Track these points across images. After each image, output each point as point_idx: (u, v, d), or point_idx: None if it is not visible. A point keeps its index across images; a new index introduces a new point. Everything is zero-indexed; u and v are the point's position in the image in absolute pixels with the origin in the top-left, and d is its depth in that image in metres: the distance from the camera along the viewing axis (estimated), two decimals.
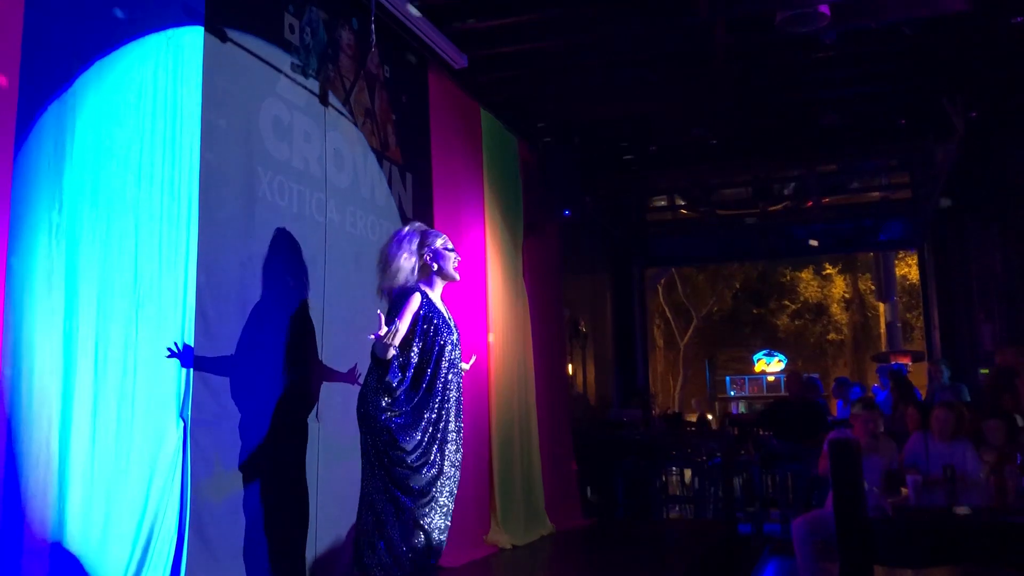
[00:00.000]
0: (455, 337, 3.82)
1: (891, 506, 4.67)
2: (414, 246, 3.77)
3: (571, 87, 7.09)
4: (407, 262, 3.73)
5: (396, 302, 3.65)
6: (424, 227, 3.92)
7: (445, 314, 3.82)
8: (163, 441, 3.21)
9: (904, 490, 4.85)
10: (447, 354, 3.74)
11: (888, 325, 17.71)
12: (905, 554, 1.57)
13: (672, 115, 8.00)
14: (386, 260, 3.77)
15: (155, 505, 3.13)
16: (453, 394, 3.77)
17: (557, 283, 8.28)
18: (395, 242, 3.80)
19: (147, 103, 3.29)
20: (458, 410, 3.81)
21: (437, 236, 3.87)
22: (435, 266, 3.79)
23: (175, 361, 3.31)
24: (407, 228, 3.87)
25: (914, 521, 3.69)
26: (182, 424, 3.29)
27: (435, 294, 3.81)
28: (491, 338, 6.33)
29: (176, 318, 3.33)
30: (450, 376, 3.76)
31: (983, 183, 8.68)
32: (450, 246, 3.86)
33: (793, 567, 5.79)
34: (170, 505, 3.18)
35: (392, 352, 3.54)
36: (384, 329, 3.44)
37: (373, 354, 3.60)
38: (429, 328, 3.69)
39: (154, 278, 3.25)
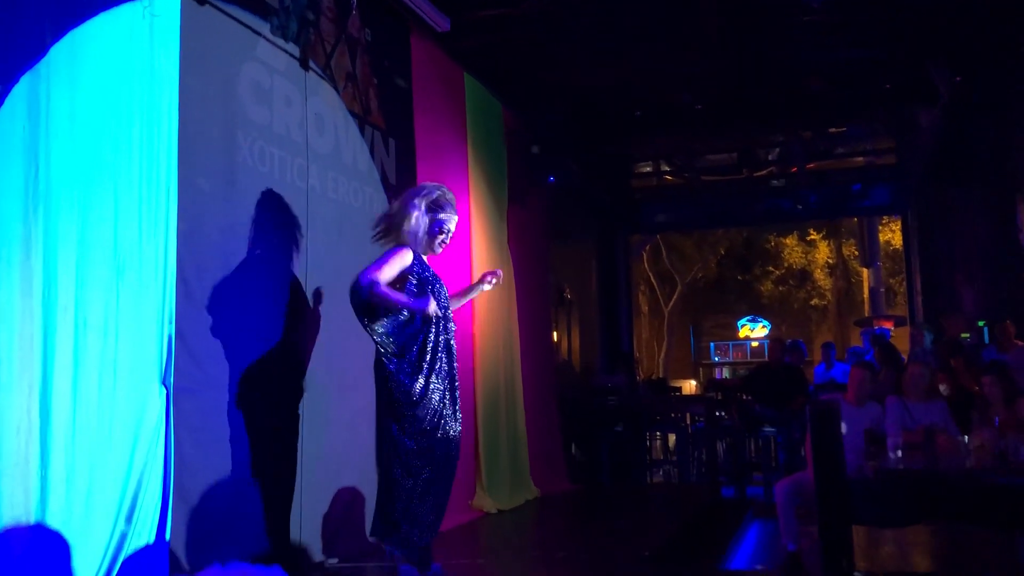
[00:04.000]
0: (445, 292, 3.90)
1: (872, 468, 4.72)
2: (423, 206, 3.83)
3: (555, 52, 7.02)
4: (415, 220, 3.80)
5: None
6: (442, 194, 3.91)
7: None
8: (146, 409, 3.19)
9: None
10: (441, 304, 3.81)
11: (871, 290, 17.80)
12: (883, 515, 1.59)
13: (658, 80, 7.95)
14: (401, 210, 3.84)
15: (139, 473, 3.11)
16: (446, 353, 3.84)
17: (542, 250, 8.27)
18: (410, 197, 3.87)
19: (123, 68, 3.22)
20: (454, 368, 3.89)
21: (451, 215, 3.90)
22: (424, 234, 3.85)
23: (157, 328, 3.28)
24: (431, 187, 3.90)
25: (893, 482, 3.74)
26: (164, 391, 3.27)
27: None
28: (476, 311, 6.31)
29: (157, 285, 3.29)
30: (444, 330, 3.83)
31: (967, 148, 8.69)
32: (450, 228, 3.90)
33: (776, 529, 5.86)
34: (154, 473, 3.16)
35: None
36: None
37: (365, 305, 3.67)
38: (425, 282, 3.79)
39: (134, 245, 3.20)
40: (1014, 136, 7.09)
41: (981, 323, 8.56)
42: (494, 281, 4.08)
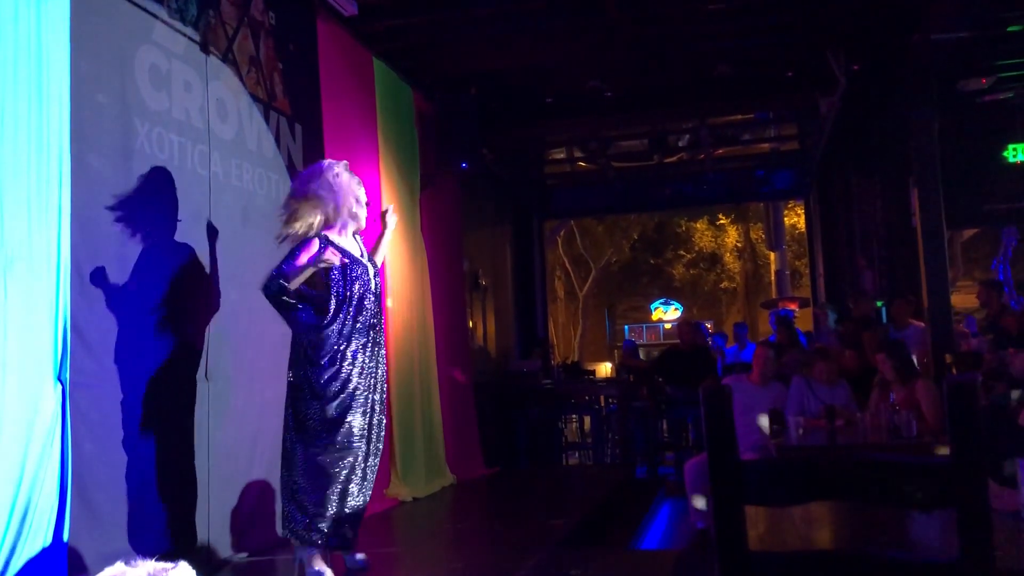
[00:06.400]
0: (372, 271, 3.86)
1: (775, 446, 4.88)
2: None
3: (466, 36, 6.99)
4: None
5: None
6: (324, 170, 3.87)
7: (355, 253, 3.82)
8: (39, 406, 3.07)
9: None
10: (360, 287, 3.77)
11: (777, 273, 18.32)
12: (781, 493, 1.64)
13: (568, 66, 7.99)
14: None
15: (33, 472, 3.00)
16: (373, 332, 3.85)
17: (456, 236, 8.25)
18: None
19: (8, 49, 3.08)
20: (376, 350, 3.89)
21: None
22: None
23: (50, 322, 3.16)
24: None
25: (792, 459, 3.87)
26: (60, 387, 3.15)
27: (343, 240, 3.81)
28: (389, 303, 6.24)
29: (49, 278, 3.16)
30: (367, 308, 3.80)
31: (864, 134, 9.01)
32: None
33: (686, 507, 6.00)
34: (49, 472, 3.05)
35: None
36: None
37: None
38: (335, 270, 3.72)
39: (23, 236, 3.07)
40: (906, 123, 7.37)
41: (880, 303, 8.92)
42: (392, 220, 4.15)
